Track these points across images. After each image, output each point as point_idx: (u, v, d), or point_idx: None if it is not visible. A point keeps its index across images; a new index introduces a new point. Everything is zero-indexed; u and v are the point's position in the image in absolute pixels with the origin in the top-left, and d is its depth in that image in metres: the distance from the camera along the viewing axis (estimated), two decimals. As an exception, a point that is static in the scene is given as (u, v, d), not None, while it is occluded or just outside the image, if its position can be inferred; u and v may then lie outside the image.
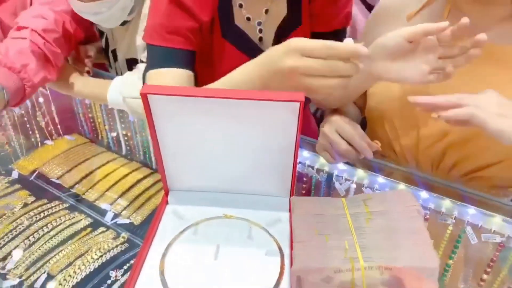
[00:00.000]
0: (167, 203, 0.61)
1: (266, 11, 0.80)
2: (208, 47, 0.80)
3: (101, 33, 1.10)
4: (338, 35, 0.86)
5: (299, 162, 0.79)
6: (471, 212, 0.66)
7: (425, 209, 0.69)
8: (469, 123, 0.52)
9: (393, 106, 0.75)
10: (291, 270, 0.42)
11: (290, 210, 0.57)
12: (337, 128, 0.70)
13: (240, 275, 0.49)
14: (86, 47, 1.07)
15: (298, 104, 0.46)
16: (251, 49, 0.80)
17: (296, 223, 0.48)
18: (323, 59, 0.46)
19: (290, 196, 0.59)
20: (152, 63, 0.72)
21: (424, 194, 0.69)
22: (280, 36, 0.83)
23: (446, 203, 0.67)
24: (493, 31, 0.68)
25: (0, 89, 0.81)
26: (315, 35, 0.86)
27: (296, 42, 0.48)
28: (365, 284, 0.42)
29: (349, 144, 0.70)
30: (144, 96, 0.47)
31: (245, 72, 0.55)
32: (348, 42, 0.47)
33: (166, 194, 0.61)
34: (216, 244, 0.53)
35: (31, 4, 1.03)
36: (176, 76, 0.69)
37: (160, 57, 0.70)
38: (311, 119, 1.14)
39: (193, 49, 0.73)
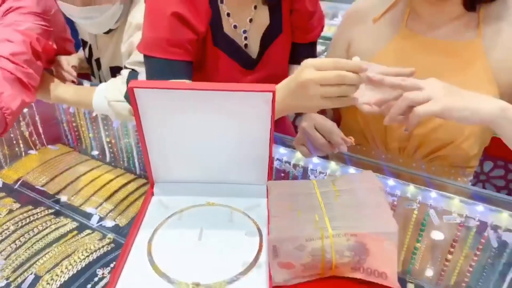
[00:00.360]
0: (152, 194, 0.65)
1: (251, 20, 0.89)
2: (202, 54, 0.87)
3: (84, 43, 1.15)
4: (312, 46, 0.99)
5: (277, 159, 0.85)
6: (433, 195, 0.73)
7: (393, 195, 0.75)
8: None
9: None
10: (268, 240, 0.47)
11: (267, 196, 0.63)
12: (316, 124, 0.77)
13: (222, 252, 0.54)
14: (68, 58, 1.11)
15: (270, 94, 0.52)
16: (239, 55, 0.88)
17: (272, 202, 0.53)
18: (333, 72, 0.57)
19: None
20: (153, 74, 0.78)
21: (391, 181, 0.75)
22: (264, 43, 0.91)
23: (411, 189, 0.74)
24: (446, 29, 0.78)
25: None
26: (294, 45, 0.97)
27: (311, 60, 0.59)
28: (334, 250, 0.48)
29: (325, 139, 0.76)
30: (131, 91, 0.53)
31: None
32: (354, 59, 0.59)
33: (152, 186, 0.65)
34: (200, 228, 0.58)
35: None
36: None
37: (162, 69, 0.77)
38: (290, 126, 1.21)
39: (192, 60, 0.81)
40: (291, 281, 0.50)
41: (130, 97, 0.54)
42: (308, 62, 0.59)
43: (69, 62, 1.09)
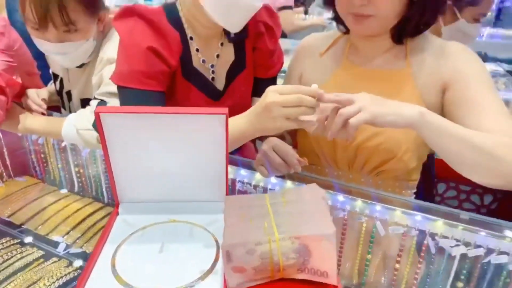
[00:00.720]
0: (117, 214, 0.70)
1: (218, 56, 0.99)
2: (172, 85, 0.95)
3: (55, 76, 1.21)
4: (273, 80, 1.09)
5: (239, 181, 0.91)
6: (378, 208, 0.80)
7: (343, 210, 0.83)
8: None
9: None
10: (221, 246, 0.53)
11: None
12: (274, 146, 0.86)
13: (181, 262, 0.59)
14: (38, 91, 1.17)
15: (224, 116, 0.60)
16: (206, 87, 0.96)
17: (227, 213, 0.59)
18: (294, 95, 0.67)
19: (225, 200, 0.70)
20: (128, 104, 0.85)
21: (341, 197, 0.83)
22: (229, 77, 1.00)
23: (359, 203, 0.82)
24: (380, 60, 0.91)
25: None
26: (256, 79, 1.07)
27: (274, 86, 0.70)
28: (280, 252, 0.54)
29: (282, 160, 0.84)
30: (97, 116, 0.59)
31: (236, 123, 0.75)
32: (313, 86, 0.69)
33: (117, 206, 0.70)
34: (161, 242, 0.62)
35: None
36: None
37: (137, 99, 0.84)
38: (253, 149, 1.29)
39: (164, 90, 0.89)
40: (244, 284, 0.55)
41: (96, 122, 0.60)
42: (271, 87, 0.70)
43: (39, 95, 1.14)
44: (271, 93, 0.69)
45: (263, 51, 1.01)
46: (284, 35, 3.61)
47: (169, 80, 0.91)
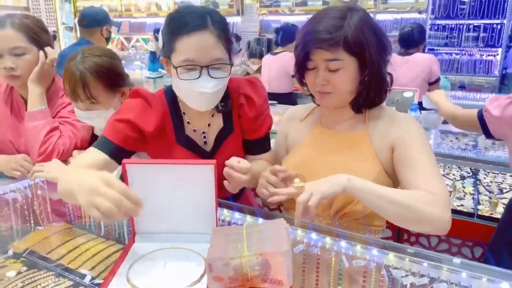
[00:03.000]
0: (133, 242, 0.93)
1: (209, 124, 1.29)
2: (167, 149, 1.24)
3: (96, 136, 1.57)
4: (263, 140, 1.34)
5: (233, 223, 1.14)
6: (343, 245, 1.00)
7: (315, 247, 1.02)
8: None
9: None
10: (205, 259, 0.75)
11: (215, 240, 0.91)
12: (271, 169, 1.09)
13: (179, 275, 0.81)
14: (81, 152, 1.48)
15: (212, 165, 0.85)
16: (198, 150, 1.23)
17: (213, 237, 0.82)
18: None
19: (215, 232, 0.93)
20: (95, 143, 1.16)
21: (314, 235, 1.03)
22: (219, 139, 1.27)
23: (328, 240, 1.01)
24: (345, 124, 1.20)
25: None
26: (245, 141, 1.34)
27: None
28: (248, 265, 0.75)
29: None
30: (123, 166, 0.85)
31: None
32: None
33: (133, 235, 0.94)
34: (164, 261, 0.85)
35: None
36: (96, 155, 1.11)
37: (99, 141, 1.15)
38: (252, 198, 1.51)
39: (123, 146, 1.13)
40: (222, 290, 0.76)
41: (122, 170, 0.86)
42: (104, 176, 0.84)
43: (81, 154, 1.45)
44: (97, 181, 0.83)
45: (245, 118, 1.28)
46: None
47: (147, 144, 1.18)
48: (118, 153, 1.12)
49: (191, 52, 1.05)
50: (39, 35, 1.53)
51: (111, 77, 1.37)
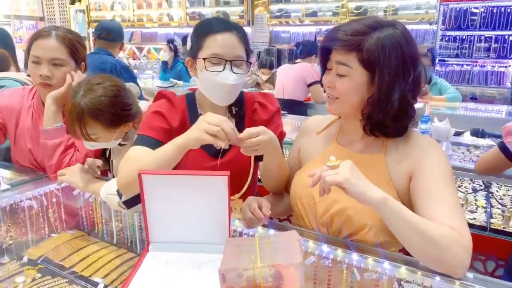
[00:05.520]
0: (148, 251, 0.95)
1: None
2: None
3: (106, 148, 1.58)
4: None
5: (245, 233, 1.15)
6: (355, 257, 1.00)
7: (327, 259, 1.03)
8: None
9: (303, 191, 1.16)
10: (219, 270, 0.76)
11: (227, 251, 0.92)
12: (248, 204, 1.10)
13: (193, 282, 0.82)
14: (94, 160, 1.51)
15: (226, 177, 0.86)
16: (211, 147, 1.25)
17: (226, 248, 0.83)
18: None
19: (228, 243, 0.94)
20: (135, 144, 1.22)
21: (325, 247, 1.04)
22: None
23: (340, 253, 1.02)
24: (360, 144, 1.17)
25: None
26: None
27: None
28: (261, 277, 0.76)
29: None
30: (139, 176, 0.87)
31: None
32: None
33: (148, 244, 0.95)
34: (179, 269, 0.86)
35: None
36: (145, 151, 1.17)
37: (140, 140, 1.22)
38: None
39: (161, 140, 1.22)
40: (235, 301, 0.77)
41: (138, 180, 0.88)
42: (208, 113, 1.03)
43: (95, 162, 1.49)
44: (207, 113, 1.01)
45: (259, 121, 1.34)
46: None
47: (168, 135, 1.24)
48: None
49: (218, 47, 1.21)
50: (78, 50, 1.61)
51: (110, 118, 1.33)
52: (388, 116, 1.04)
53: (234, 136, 0.97)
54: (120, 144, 1.50)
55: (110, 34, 3.12)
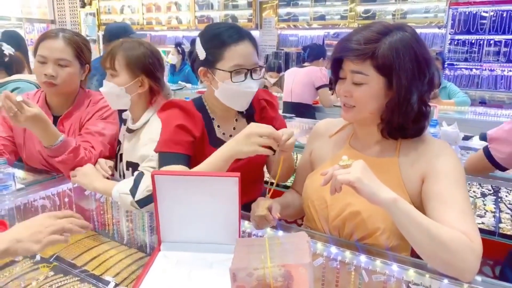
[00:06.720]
0: (159, 250, 0.97)
1: (234, 128, 1.40)
2: (201, 151, 1.30)
3: (119, 142, 1.65)
4: None
5: (253, 234, 1.16)
6: (363, 259, 1.01)
7: (335, 261, 1.04)
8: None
9: (315, 194, 1.17)
10: (229, 269, 0.77)
11: (237, 251, 0.94)
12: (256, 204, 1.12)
13: (203, 282, 0.84)
14: (106, 160, 1.54)
15: (236, 178, 0.88)
16: None
17: (236, 248, 0.85)
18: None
19: (238, 243, 0.95)
20: (163, 163, 1.20)
21: (333, 249, 1.05)
22: None
23: (348, 254, 1.03)
24: (374, 148, 1.17)
25: None
26: None
27: (255, 123, 1.09)
28: (271, 276, 0.77)
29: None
30: (152, 177, 0.89)
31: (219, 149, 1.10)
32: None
33: (159, 244, 0.97)
34: (189, 269, 0.88)
35: None
36: (181, 169, 1.18)
37: (167, 159, 1.21)
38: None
39: (188, 154, 1.24)
40: (245, 300, 0.79)
41: (151, 181, 0.90)
42: (252, 123, 1.05)
43: (107, 163, 1.52)
44: (253, 125, 1.04)
45: (268, 118, 1.41)
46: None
47: (195, 147, 1.27)
48: (189, 161, 1.23)
49: (239, 58, 1.23)
50: (84, 53, 1.66)
51: (138, 59, 1.47)
52: (409, 119, 1.05)
53: (283, 141, 1.03)
54: (129, 131, 1.52)
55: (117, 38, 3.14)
